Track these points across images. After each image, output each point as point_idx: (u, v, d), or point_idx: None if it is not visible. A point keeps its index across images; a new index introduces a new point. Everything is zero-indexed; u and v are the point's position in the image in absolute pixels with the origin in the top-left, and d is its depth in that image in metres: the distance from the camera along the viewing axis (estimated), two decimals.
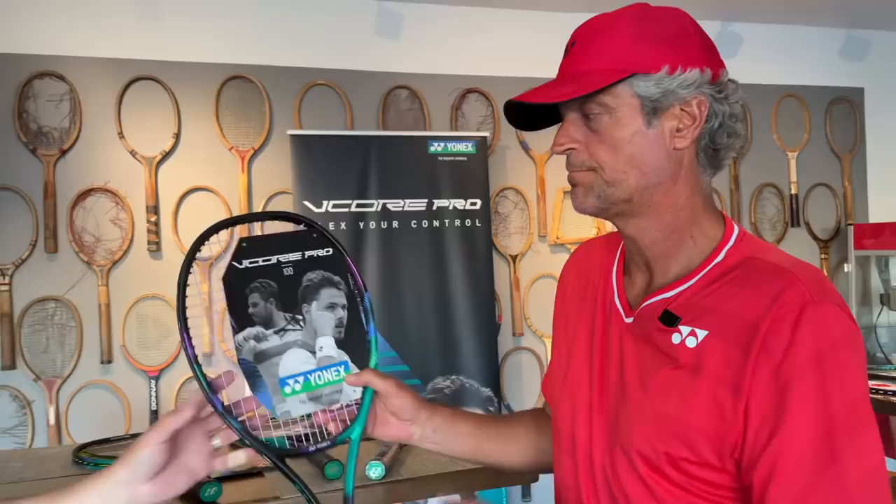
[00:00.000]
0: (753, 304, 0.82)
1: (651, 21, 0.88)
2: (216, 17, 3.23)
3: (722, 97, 0.87)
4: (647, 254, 0.94)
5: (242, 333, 0.96)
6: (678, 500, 0.85)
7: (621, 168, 0.88)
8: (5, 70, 2.96)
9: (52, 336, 2.98)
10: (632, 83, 0.85)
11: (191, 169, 3.18)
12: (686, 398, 0.83)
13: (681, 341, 0.86)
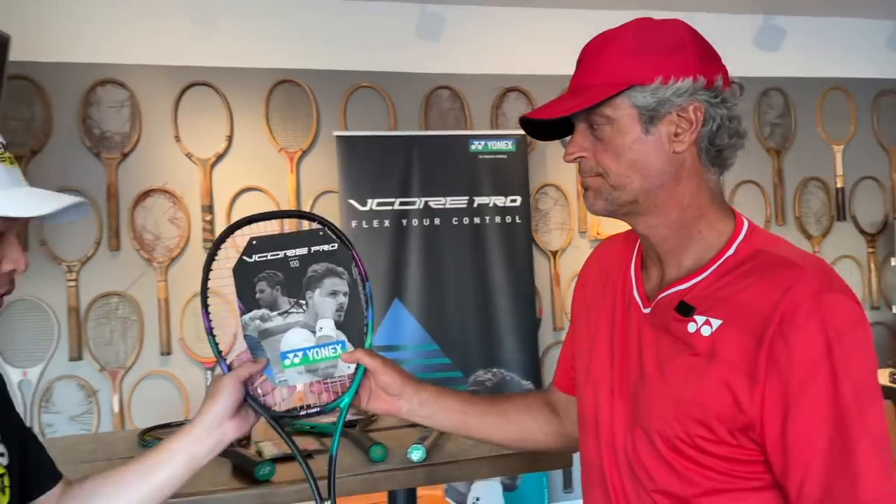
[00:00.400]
0: (765, 295, 0.88)
1: (647, 35, 0.95)
2: (265, 25, 3.37)
3: (718, 101, 0.93)
4: (658, 249, 1.01)
5: (248, 314, 1.09)
6: (697, 475, 0.91)
7: (625, 173, 0.95)
8: (70, 78, 3.15)
9: (115, 329, 3.16)
10: (630, 95, 0.93)
11: (243, 170, 3.32)
12: (701, 382, 0.90)
13: (696, 330, 0.92)
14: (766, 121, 3.96)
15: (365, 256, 3.33)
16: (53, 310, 3.08)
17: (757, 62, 3.91)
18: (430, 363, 3.23)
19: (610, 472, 1.01)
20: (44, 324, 3.06)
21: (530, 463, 1.66)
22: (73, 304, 3.09)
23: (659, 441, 0.93)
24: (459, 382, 3.21)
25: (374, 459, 1.55)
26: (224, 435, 1.04)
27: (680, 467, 0.92)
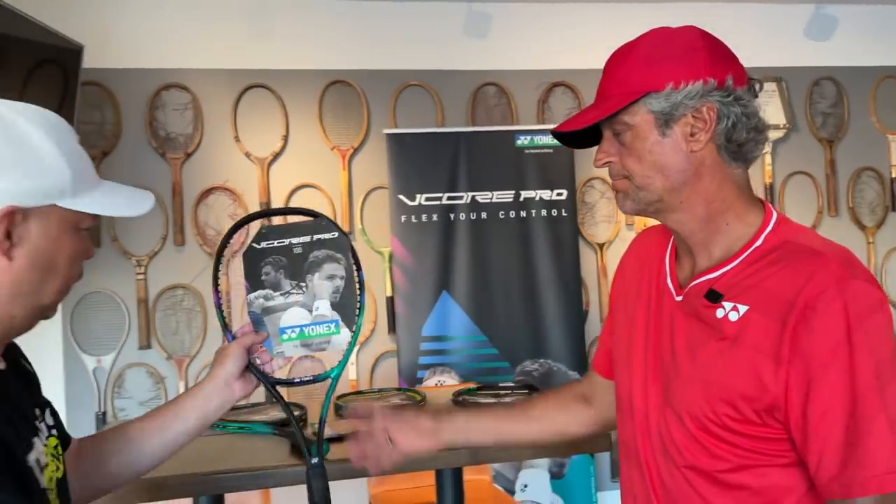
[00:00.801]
0: (790, 282, 0.94)
1: (660, 44, 1.02)
2: (318, 29, 3.49)
3: (730, 100, 0.99)
4: (689, 242, 1.07)
5: (253, 293, 1.26)
6: (725, 452, 0.98)
7: (648, 174, 1.02)
8: (138, 83, 3.33)
9: (181, 319, 3.34)
10: (646, 101, 1.00)
11: (298, 168, 3.46)
12: (729, 365, 0.96)
13: (724, 316, 0.98)
14: (818, 111, 3.91)
15: (413, 250, 3.46)
16: (124, 301, 3.28)
17: (808, 52, 3.86)
18: (477, 353, 3.32)
19: (644, 451, 1.08)
20: (116, 315, 3.26)
21: (572, 446, 1.74)
22: (142, 296, 3.28)
23: (689, 421, 1.00)
24: (506, 372, 3.28)
25: None
26: (231, 395, 1.18)
27: (709, 445, 0.99)
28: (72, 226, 0.92)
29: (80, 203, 0.91)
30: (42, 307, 0.94)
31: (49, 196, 0.88)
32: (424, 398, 2.13)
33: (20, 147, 0.86)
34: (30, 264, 0.89)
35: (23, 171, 0.86)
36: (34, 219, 0.88)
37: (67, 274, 0.94)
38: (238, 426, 1.84)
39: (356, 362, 3.43)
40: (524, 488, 3.29)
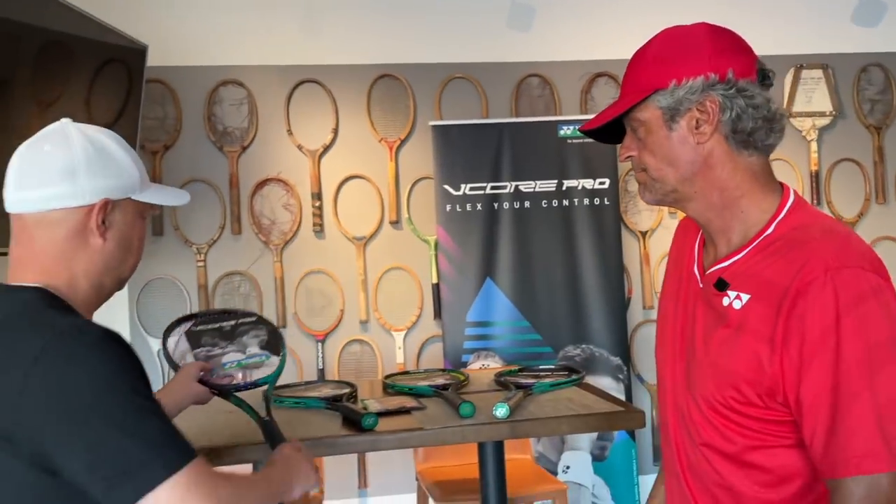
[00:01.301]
0: (785, 270, 0.99)
1: (667, 44, 1.09)
2: (366, 25, 3.61)
3: (732, 92, 1.03)
4: (708, 229, 1.13)
5: (196, 350, 1.69)
6: (734, 433, 1.05)
7: (660, 167, 1.09)
8: (197, 80, 3.51)
9: (237, 304, 3.50)
10: (654, 98, 1.06)
11: (347, 159, 3.60)
12: (733, 351, 1.03)
13: (729, 304, 1.05)
14: (866, 97, 3.87)
15: (458, 238, 3.57)
16: (185, 287, 3.47)
17: (855, 38, 3.82)
18: (520, 339, 3.41)
19: (674, 429, 1.16)
20: (178, 299, 3.45)
21: (606, 422, 1.82)
22: (202, 282, 3.46)
23: (702, 402, 1.07)
24: (549, 357, 3.36)
25: (463, 415, 1.74)
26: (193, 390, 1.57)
27: (720, 426, 1.05)
28: (141, 214, 1.18)
29: (146, 196, 1.17)
30: (122, 279, 1.19)
31: (126, 191, 1.14)
32: (467, 378, 2.24)
33: (107, 157, 1.12)
34: (116, 244, 1.14)
35: (109, 174, 1.12)
36: (118, 209, 1.13)
37: (139, 252, 1.20)
38: (294, 401, 1.98)
39: (403, 346, 3.56)
40: (566, 469, 3.37)
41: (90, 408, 0.95)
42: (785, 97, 3.80)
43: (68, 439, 0.94)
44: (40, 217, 1.08)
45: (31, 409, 0.94)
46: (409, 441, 1.73)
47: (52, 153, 1.09)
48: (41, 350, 0.96)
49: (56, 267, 1.09)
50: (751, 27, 3.98)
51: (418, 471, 2.97)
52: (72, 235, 1.09)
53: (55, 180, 1.07)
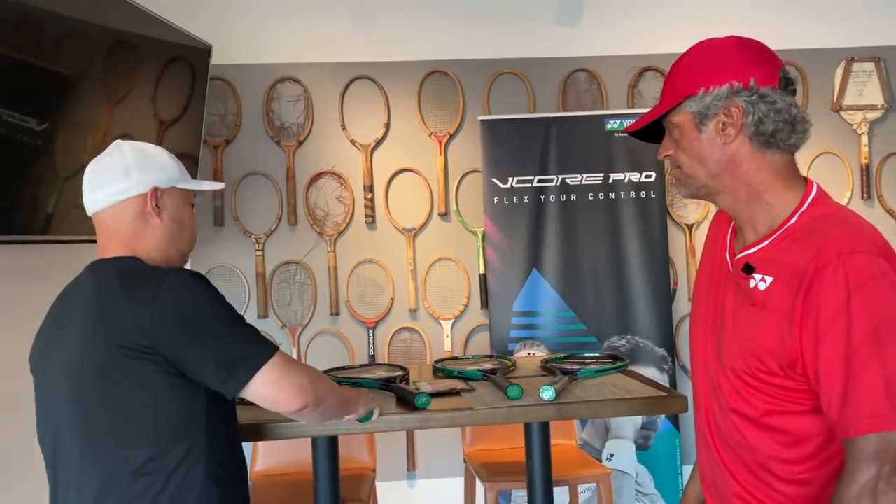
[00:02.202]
0: (804, 256, 1.12)
1: (698, 56, 1.23)
2: (417, 22, 3.71)
3: (755, 98, 1.17)
4: (738, 220, 1.27)
5: None
6: (757, 399, 1.18)
7: (692, 164, 1.24)
8: (256, 77, 3.66)
9: (293, 292, 3.66)
10: (686, 104, 1.21)
11: (398, 153, 3.71)
12: (758, 327, 1.16)
13: (755, 286, 1.18)
14: None
15: (505, 230, 3.69)
16: (244, 275, 3.63)
17: None
18: (566, 329, 3.48)
19: (705, 398, 1.30)
20: (237, 287, 3.62)
21: (649, 406, 1.90)
22: (260, 270, 3.62)
23: (730, 373, 1.21)
24: (594, 347, 3.42)
25: (510, 397, 1.85)
26: None
27: (744, 392, 1.19)
28: (186, 199, 1.50)
29: (187, 185, 1.49)
30: (184, 251, 1.51)
31: (171, 181, 1.46)
32: (514, 364, 2.33)
33: (150, 157, 1.46)
34: (171, 222, 1.46)
35: (155, 168, 1.45)
36: (166, 195, 1.46)
37: (192, 230, 1.52)
38: (350, 381, 2.10)
39: (450, 335, 3.67)
40: (610, 457, 3.44)
41: (204, 322, 1.32)
42: (835, 90, 3.78)
43: (193, 348, 1.31)
44: (111, 211, 1.42)
45: (162, 330, 1.29)
46: (459, 420, 1.83)
47: (110, 162, 1.43)
48: (158, 289, 1.31)
49: (133, 244, 1.42)
50: (800, 21, 4.02)
51: (466, 453, 3.08)
52: (136, 218, 1.42)
53: (116, 179, 1.41)
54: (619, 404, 1.86)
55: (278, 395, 1.34)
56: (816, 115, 3.80)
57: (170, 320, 1.30)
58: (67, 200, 2.63)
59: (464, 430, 3.14)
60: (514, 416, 1.84)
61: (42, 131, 2.49)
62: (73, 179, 2.65)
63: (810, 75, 3.79)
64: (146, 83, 3.06)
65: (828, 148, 3.79)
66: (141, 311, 1.30)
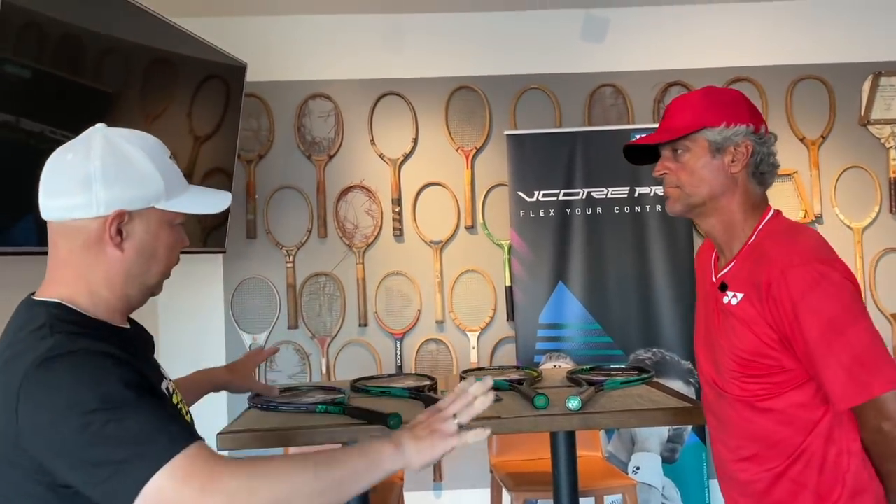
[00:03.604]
0: (757, 273, 1.35)
1: (715, 95, 1.46)
2: (445, 40, 3.78)
3: (761, 142, 1.41)
4: (718, 243, 1.48)
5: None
6: (753, 386, 1.40)
7: (696, 184, 1.43)
8: (288, 94, 3.76)
9: (323, 303, 3.73)
10: (703, 132, 1.41)
11: (426, 167, 3.77)
12: (737, 334, 1.39)
13: (728, 301, 1.41)
14: None
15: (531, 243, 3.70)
16: (276, 286, 3.71)
17: None
18: (591, 341, 3.50)
19: (709, 394, 1.53)
20: (269, 298, 3.70)
21: (674, 416, 1.91)
22: (291, 282, 3.70)
23: (724, 370, 1.44)
24: (620, 360, 3.43)
25: (537, 406, 1.87)
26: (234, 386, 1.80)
27: (739, 382, 1.41)
28: (167, 222, 1.16)
29: (172, 204, 1.14)
30: (149, 286, 1.18)
31: (148, 201, 1.12)
32: (541, 374, 2.36)
33: (125, 165, 1.10)
34: (136, 254, 1.13)
35: (127, 183, 1.10)
36: (137, 219, 1.12)
37: (167, 260, 1.18)
38: (379, 390, 2.14)
39: (477, 346, 3.70)
40: (636, 470, 3.43)
41: (69, 429, 0.96)
42: (863, 105, 3.77)
43: (60, 461, 0.97)
44: (61, 226, 1.11)
45: (26, 435, 0.98)
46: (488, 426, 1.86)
47: (72, 163, 1.10)
48: (22, 381, 0.99)
49: (75, 279, 1.11)
50: (827, 35, 4.03)
51: (493, 463, 3.10)
52: (89, 245, 1.10)
53: (73, 190, 1.08)
54: (643, 414, 1.88)
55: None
56: (844, 129, 3.80)
57: (33, 425, 0.98)
58: None
59: (490, 440, 3.16)
60: (540, 425, 1.87)
61: None
62: None
63: (837, 89, 3.79)
64: (183, 100, 3.16)
65: (855, 162, 3.78)
66: (7, 407, 1.00)
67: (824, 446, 1.34)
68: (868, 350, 1.26)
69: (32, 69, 2.34)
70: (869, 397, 1.25)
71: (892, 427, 1.25)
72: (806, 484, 1.36)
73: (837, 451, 1.34)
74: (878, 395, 1.25)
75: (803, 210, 3.74)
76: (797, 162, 3.78)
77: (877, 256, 3.73)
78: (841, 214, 3.75)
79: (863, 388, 1.26)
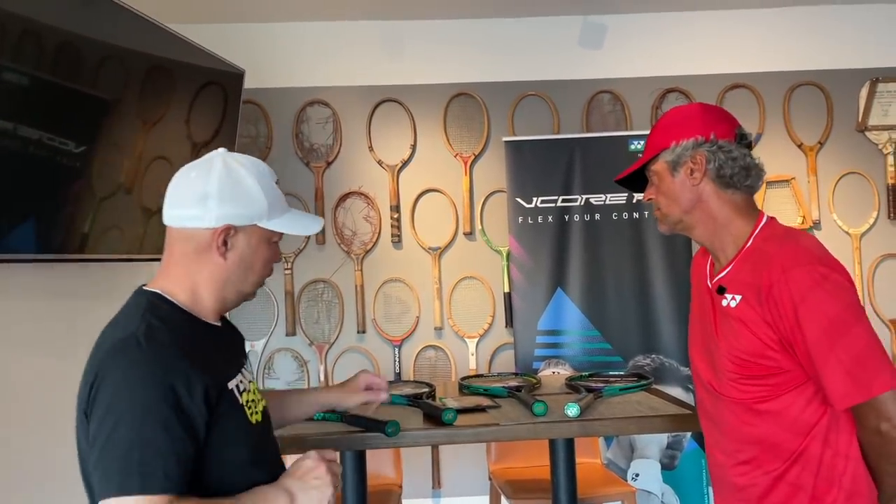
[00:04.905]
0: (757, 275, 1.37)
1: (667, 118, 1.54)
2: (443, 47, 3.79)
3: (714, 149, 1.45)
4: (711, 250, 1.52)
5: None
6: (749, 388, 1.41)
7: (669, 203, 1.51)
8: (286, 101, 3.76)
9: (321, 310, 3.72)
10: (661, 156, 1.50)
11: (424, 174, 3.77)
12: (736, 336, 1.41)
13: (727, 304, 1.43)
14: None
15: (530, 249, 3.72)
16: (274, 294, 3.70)
17: None
18: (590, 347, 3.49)
19: (706, 399, 1.54)
20: (267, 305, 3.69)
21: (673, 423, 1.92)
22: (289, 289, 3.69)
23: (723, 375, 1.46)
24: (619, 366, 3.43)
25: (536, 413, 1.88)
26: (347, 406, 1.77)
27: (738, 385, 1.43)
28: (266, 239, 1.32)
29: (272, 224, 1.31)
30: (244, 293, 1.35)
31: (252, 219, 1.29)
32: (539, 381, 2.36)
33: (236, 186, 1.27)
34: (237, 264, 1.30)
35: (236, 202, 1.27)
36: (242, 233, 1.29)
37: (262, 272, 1.35)
38: None
39: (475, 353, 3.70)
40: (635, 477, 3.42)
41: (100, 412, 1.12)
42: (860, 111, 3.78)
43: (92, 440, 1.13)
44: (178, 231, 1.29)
45: (91, 403, 1.16)
46: (485, 436, 1.86)
47: (194, 180, 1.28)
48: (103, 357, 1.16)
49: (182, 277, 1.28)
50: (825, 42, 4.04)
51: (491, 471, 3.09)
52: (199, 251, 1.27)
53: (191, 203, 1.26)
54: (642, 421, 1.89)
55: None
56: (841, 135, 3.81)
57: (95, 403, 1.14)
58: (103, 221, 2.72)
59: (489, 448, 3.16)
60: (538, 432, 1.87)
61: (80, 154, 2.58)
62: (108, 200, 2.74)
63: (835, 96, 3.80)
64: (181, 106, 3.15)
65: (853, 168, 3.79)
66: (89, 375, 1.17)
67: (821, 449, 1.36)
68: (868, 351, 1.28)
69: (30, 76, 2.34)
70: (868, 397, 1.27)
71: (890, 428, 1.27)
72: (803, 486, 1.37)
73: (833, 453, 1.36)
74: (878, 395, 1.27)
75: (801, 216, 3.74)
76: (795, 168, 3.79)
77: (875, 262, 3.73)
78: (839, 220, 3.75)
79: (862, 388, 1.27)
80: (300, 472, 1.28)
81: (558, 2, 3.66)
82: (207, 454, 1.18)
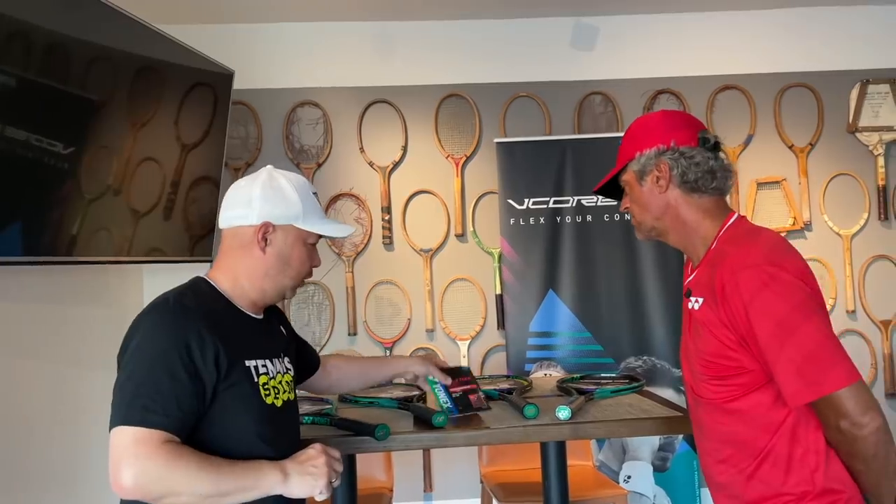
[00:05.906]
0: (713, 277, 1.40)
1: (632, 129, 1.57)
2: (434, 47, 3.78)
3: (676, 156, 1.48)
4: (686, 253, 1.55)
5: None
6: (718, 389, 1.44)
7: (640, 211, 1.55)
8: (276, 101, 3.74)
9: (312, 312, 3.71)
10: (629, 166, 1.55)
11: (415, 175, 3.76)
12: (702, 338, 1.44)
13: (692, 306, 1.47)
14: None
15: (521, 251, 3.71)
16: None
17: None
18: (582, 349, 3.49)
19: (690, 401, 1.59)
20: None
21: (665, 426, 1.90)
22: None
23: (696, 374, 1.49)
24: (611, 368, 3.43)
25: (527, 416, 1.86)
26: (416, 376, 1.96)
27: (709, 385, 1.46)
28: (302, 239, 1.50)
29: (306, 225, 1.49)
30: (283, 287, 1.50)
31: (288, 219, 1.47)
32: (531, 384, 2.35)
33: (277, 192, 1.48)
34: (275, 258, 1.47)
35: (275, 204, 1.47)
36: (280, 231, 1.47)
37: (298, 268, 1.51)
38: (367, 400, 2.13)
39: (467, 355, 3.68)
40: (627, 479, 3.42)
41: (124, 356, 1.33)
42: (851, 112, 3.79)
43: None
44: (228, 232, 1.50)
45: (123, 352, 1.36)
46: (477, 439, 1.85)
47: (243, 187, 1.50)
48: (134, 323, 1.38)
49: (229, 268, 1.48)
50: (815, 44, 4.04)
51: (483, 473, 3.08)
52: (243, 245, 1.47)
53: (239, 205, 1.48)
54: (634, 424, 1.87)
55: (111, 463, 1.24)
56: (832, 136, 3.82)
57: (125, 353, 1.34)
58: (92, 222, 2.69)
59: (480, 451, 3.14)
60: (530, 436, 1.85)
61: (68, 155, 2.56)
62: (97, 202, 2.72)
63: (825, 97, 3.81)
64: (170, 108, 3.13)
65: (844, 169, 3.80)
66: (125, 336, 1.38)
67: (789, 446, 1.37)
68: (820, 348, 1.28)
69: (18, 77, 2.32)
70: (819, 395, 1.27)
71: (850, 426, 1.26)
72: (772, 483, 1.38)
73: (803, 450, 1.36)
74: (829, 392, 1.26)
75: (792, 217, 3.75)
76: (786, 169, 3.80)
77: (866, 263, 3.74)
78: (830, 222, 3.76)
79: (813, 385, 1.27)
80: (301, 457, 1.39)
81: (550, 3, 3.65)
82: (212, 416, 1.32)
